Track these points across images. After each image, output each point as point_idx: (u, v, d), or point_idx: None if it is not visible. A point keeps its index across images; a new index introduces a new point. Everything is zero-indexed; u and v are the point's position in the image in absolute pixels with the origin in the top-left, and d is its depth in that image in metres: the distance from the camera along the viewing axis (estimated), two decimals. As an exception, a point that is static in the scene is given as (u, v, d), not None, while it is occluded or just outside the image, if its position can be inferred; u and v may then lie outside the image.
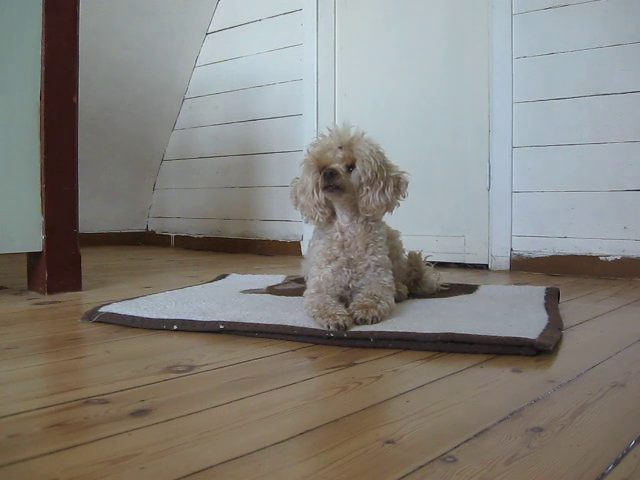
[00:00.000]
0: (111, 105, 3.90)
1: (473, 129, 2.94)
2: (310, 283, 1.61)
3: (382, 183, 1.54)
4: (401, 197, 1.60)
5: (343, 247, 1.59)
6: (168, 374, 1.07)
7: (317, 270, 1.60)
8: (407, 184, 1.60)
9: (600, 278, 2.53)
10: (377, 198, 1.54)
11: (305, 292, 1.61)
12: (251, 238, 3.82)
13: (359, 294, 1.52)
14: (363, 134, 1.58)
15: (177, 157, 4.31)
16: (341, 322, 1.33)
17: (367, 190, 1.53)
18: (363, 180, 1.53)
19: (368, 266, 1.58)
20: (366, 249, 1.58)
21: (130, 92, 3.96)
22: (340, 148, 1.53)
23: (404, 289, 1.80)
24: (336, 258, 1.58)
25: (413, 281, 1.90)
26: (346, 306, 1.49)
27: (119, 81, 3.87)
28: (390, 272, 1.62)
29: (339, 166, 1.52)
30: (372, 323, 1.40)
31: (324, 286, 1.57)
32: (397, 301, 1.64)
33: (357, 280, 1.58)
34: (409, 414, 0.87)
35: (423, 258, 1.96)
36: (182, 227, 4.29)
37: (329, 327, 1.33)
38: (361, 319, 1.41)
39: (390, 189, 1.55)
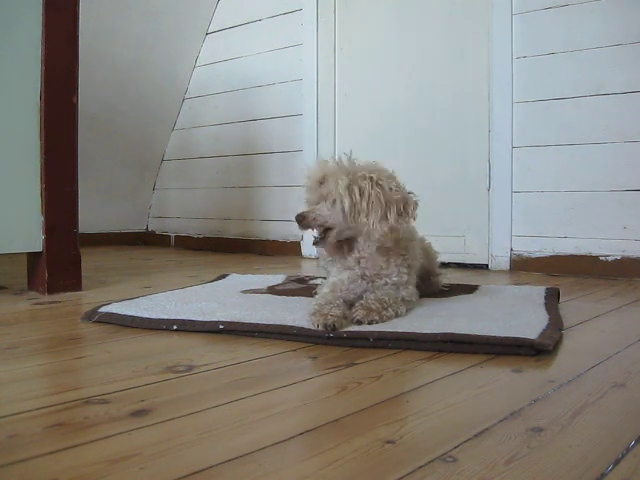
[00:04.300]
0: (111, 105, 3.90)
1: (473, 129, 2.94)
2: (327, 283, 1.62)
3: (381, 210, 1.47)
4: (408, 220, 1.51)
5: (359, 262, 1.58)
6: (168, 374, 1.07)
7: (336, 272, 1.61)
8: (415, 205, 1.52)
9: (600, 278, 2.52)
10: (378, 226, 1.47)
11: (318, 289, 1.63)
12: (251, 238, 3.82)
13: (370, 295, 1.51)
14: (352, 162, 1.54)
15: (177, 157, 4.31)
16: (330, 322, 1.33)
17: (365, 219, 1.48)
18: (347, 211, 1.48)
19: (385, 283, 1.57)
20: (383, 268, 1.56)
21: (130, 92, 3.96)
22: (322, 184, 1.52)
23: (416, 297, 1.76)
24: (351, 269, 1.58)
25: (422, 280, 1.85)
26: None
27: (119, 81, 3.87)
28: (410, 287, 1.61)
29: (307, 211, 1.53)
30: (369, 324, 1.40)
31: (339, 288, 1.57)
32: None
33: (372, 292, 1.55)
34: (409, 414, 0.87)
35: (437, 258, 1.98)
36: (182, 227, 4.29)
37: (318, 326, 1.34)
38: (357, 320, 1.41)
39: (393, 213, 1.47)
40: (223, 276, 2.35)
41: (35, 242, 1.96)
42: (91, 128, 3.60)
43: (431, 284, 1.90)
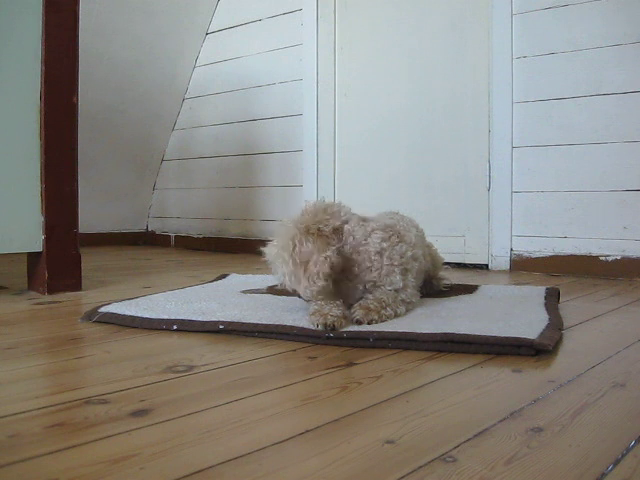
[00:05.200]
0: (111, 105, 3.90)
1: (473, 129, 2.94)
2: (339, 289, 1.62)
3: (294, 275, 1.48)
4: (317, 278, 1.44)
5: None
6: (168, 374, 1.07)
7: None
8: (324, 262, 1.45)
9: (600, 278, 2.52)
10: (297, 288, 1.49)
11: None
12: (251, 238, 3.82)
13: (369, 296, 1.52)
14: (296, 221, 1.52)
15: (177, 157, 4.31)
16: (329, 322, 1.33)
17: (289, 283, 1.51)
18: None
19: (381, 289, 1.56)
20: (380, 275, 1.55)
21: (130, 92, 3.96)
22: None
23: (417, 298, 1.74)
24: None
25: (424, 283, 1.84)
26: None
27: (119, 81, 3.87)
28: (408, 290, 1.60)
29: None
30: (368, 324, 1.40)
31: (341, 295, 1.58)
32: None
33: (371, 293, 1.56)
34: (409, 414, 0.87)
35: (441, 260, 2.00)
36: (182, 227, 4.29)
37: (317, 326, 1.34)
38: (357, 320, 1.41)
39: (303, 275, 1.46)
40: (223, 276, 2.35)
41: (35, 242, 1.96)
42: (91, 128, 3.60)
43: (432, 286, 1.91)
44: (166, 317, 1.48)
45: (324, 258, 1.45)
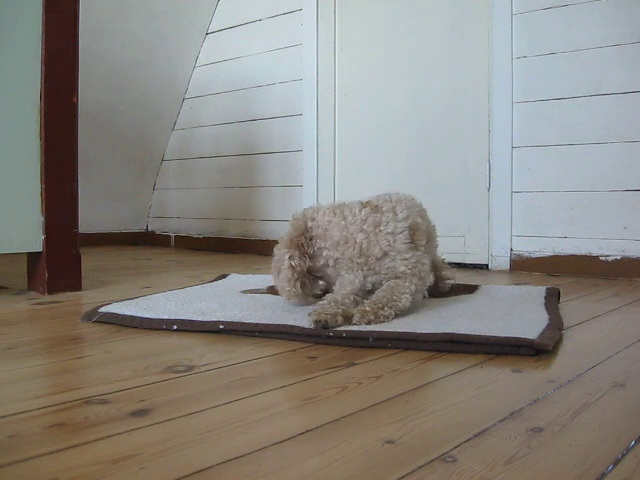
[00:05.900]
0: (111, 105, 3.90)
1: (473, 129, 2.94)
2: (341, 281, 1.63)
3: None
4: (281, 288, 1.65)
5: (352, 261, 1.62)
6: (168, 374, 1.07)
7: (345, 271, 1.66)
8: (283, 272, 1.62)
9: (600, 278, 2.52)
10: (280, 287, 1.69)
11: (335, 286, 1.66)
12: (251, 238, 3.82)
13: (365, 301, 1.52)
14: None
15: (177, 157, 4.31)
16: (321, 319, 1.35)
17: None
18: None
19: (386, 276, 1.58)
20: (382, 257, 1.58)
21: (130, 92, 3.96)
22: None
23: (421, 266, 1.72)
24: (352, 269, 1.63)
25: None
26: None
27: (119, 81, 3.87)
28: (406, 254, 1.59)
29: None
30: (367, 324, 1.41)
31: (350, 287, 1.59)
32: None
33: (380, 283, 1.60)
34: (409, 414, 0.87)
35: (442, 260, 2.02)
36: (182, 227, 4.29)
37: (311, 325, 1.35)
38: (354, 324, 1.42)
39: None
40: (223, 276, 2.35)
41: (35, 242, 1.96)
42: (91, 128, 3.60)
43: (437, 288, 1.89)
44: (166, 317, 1.48)
45: (285, 267, 1.60)
